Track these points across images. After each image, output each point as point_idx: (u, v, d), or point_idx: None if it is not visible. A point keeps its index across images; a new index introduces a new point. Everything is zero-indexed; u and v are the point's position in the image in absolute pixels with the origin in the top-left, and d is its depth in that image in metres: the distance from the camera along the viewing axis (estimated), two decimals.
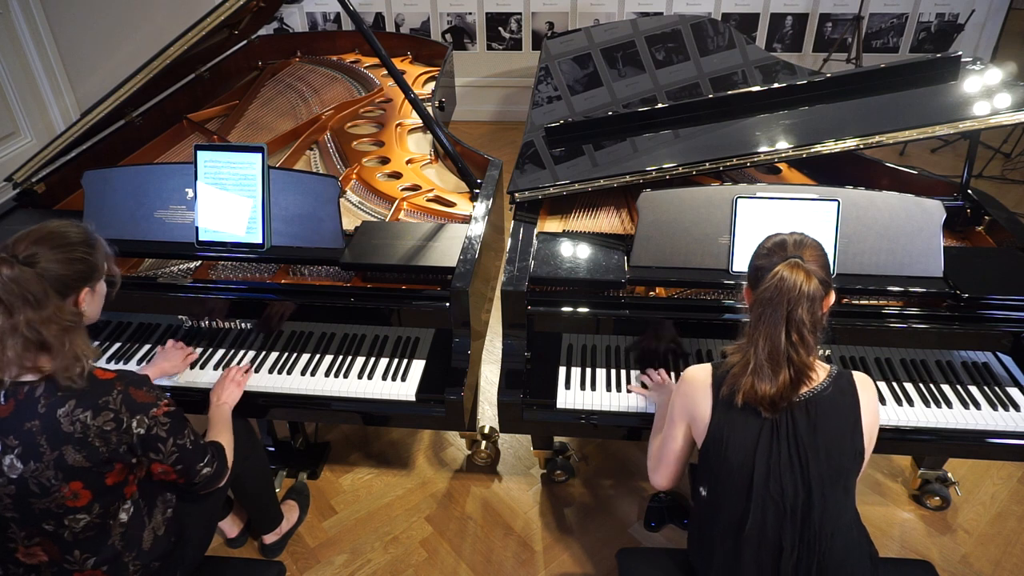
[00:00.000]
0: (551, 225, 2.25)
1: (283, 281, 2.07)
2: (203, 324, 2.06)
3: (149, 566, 1.57)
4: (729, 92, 2.37)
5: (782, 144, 2.13)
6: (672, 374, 1.96)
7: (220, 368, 2.02)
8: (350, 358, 2.04)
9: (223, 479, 1.68)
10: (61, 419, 1.36)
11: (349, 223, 2.16)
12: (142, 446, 1.46)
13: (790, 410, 1.39)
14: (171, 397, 1.55)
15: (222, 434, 1.80)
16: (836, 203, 1.87)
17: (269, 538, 2.26)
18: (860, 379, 1.45)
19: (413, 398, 1.93)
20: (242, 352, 2.07)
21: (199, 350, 2.07)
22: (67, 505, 1.41)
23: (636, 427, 1.91)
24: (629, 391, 1.93)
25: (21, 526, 1.43)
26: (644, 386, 1.94)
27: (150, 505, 1.59)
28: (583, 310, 1.93)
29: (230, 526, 2.28)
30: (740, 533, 1.42)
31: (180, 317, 2.05)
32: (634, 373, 1.98)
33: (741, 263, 1.91)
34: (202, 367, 2.03)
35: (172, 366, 1.98)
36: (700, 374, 1.48)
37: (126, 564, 1.53)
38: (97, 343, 2.08)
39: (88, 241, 1.44)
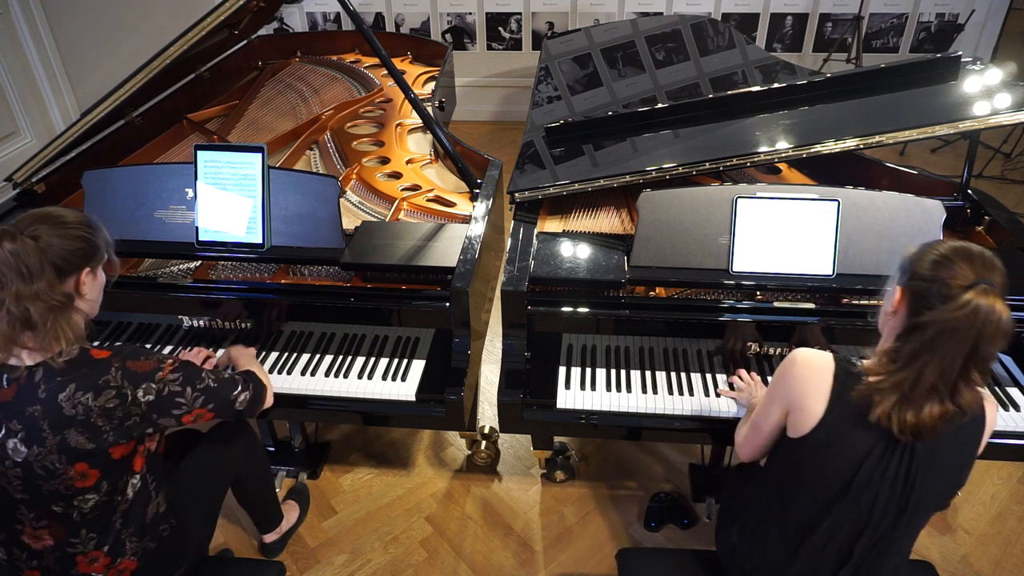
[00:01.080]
0: (551, 225, 2.25)
1: (283, 281, 2.07)
2: (203, 324, 2.06)
3: (145, 545, 1.57)
4: (729, 92, 2.37)
5: (782, 144, 2.13)
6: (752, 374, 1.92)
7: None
8: (350, 358, 2.04)
9: (264, 400, 1.71)
10: (63, 403, 1.36)
11: (349, 223, 2.16)
12: (156, 410, 1.46)
13: None
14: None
15: (250, 366, 1.83)
16: (836, 203, 1.87)
17: (269, 537, 2.26)
18: (990, 412, 1.33)
19: (413, 398, 1.93)
20: (213, 353, 2.06)
21: (216, 354, 2.06)
22: (76, 486, 1.42)
23: (636, 427, 1.91)
24: (719, 395, 1.88)
25: (31, 507, 1.44)
26: (731, 387, 1.90)
27: (159, 480, 1.60)
28: (583, 310, 1.93)
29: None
30: (808, 533, 1.35)
31: (180, 317, 2.05)
32: (721, 377, 1.95)
33: (741, 263, 1.91)
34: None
35: None
36: (820, 363, 1.32)
37: (123, 541, 1.53)
38: (97, 343, 2.08)
39: (88, 223, 1.45)
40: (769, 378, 1.85)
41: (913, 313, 1.25)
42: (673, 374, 1.97)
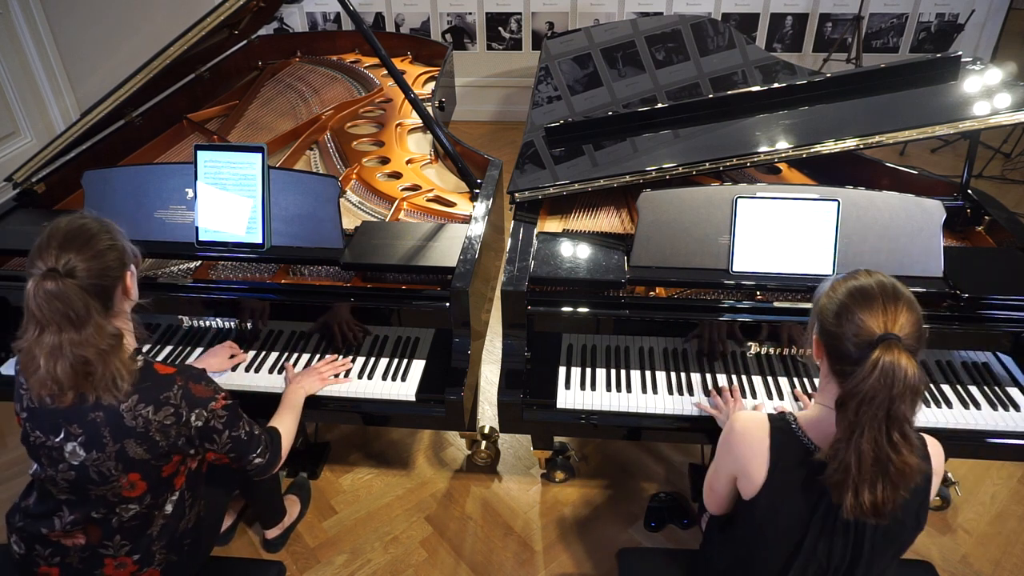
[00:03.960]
0: (551, 225, 2.25)
1: (283, 281, 2.07)
2: (203, 324, 2.06)
3: (171, 558, 1.59)
4: (729, 92, 2.37)
5: (782, 144, 2.13)
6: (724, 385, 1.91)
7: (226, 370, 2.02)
8: (350, 358, 2.04)
9: (275, 468, 1.70)
10: (124, 413, 1.39)
11: (349, 223, 2.16)
12: (199, 437, 1.49)
13: None
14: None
15: (285, 418, 1.81)
16: (836, 203, 1.87)
17: (271, 533, 2.27)
18: (935, 450, 1.33)
19: (413, 398, 1.93)
20: (242, 352, 2.07)
21: (251, 353, 2.06)
22: (123, 495, 1.45)
23: (636, 427, 1.91)
24: (696, 405, 1.87)
25: (72, 509, 1.46)
26: (706, 402, 1.90)
27: (194, 497, 1.62)
28: (583, 310, 1.93)
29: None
30: None
31: (180, 317, 2.05)
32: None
33: (741, 263, 1.91)
34: (234, 368, 2.03)
35: (218, 362, 1.98)
36: (756, 430, 1.33)
37: (154, 553, 1.55)
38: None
39: (107, 229, 1.44)
40: (744, 379, 1.91)
41: (834, 367, 1.26)
42: (673, 374, 1.97)
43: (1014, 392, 1.89)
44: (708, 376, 1.95)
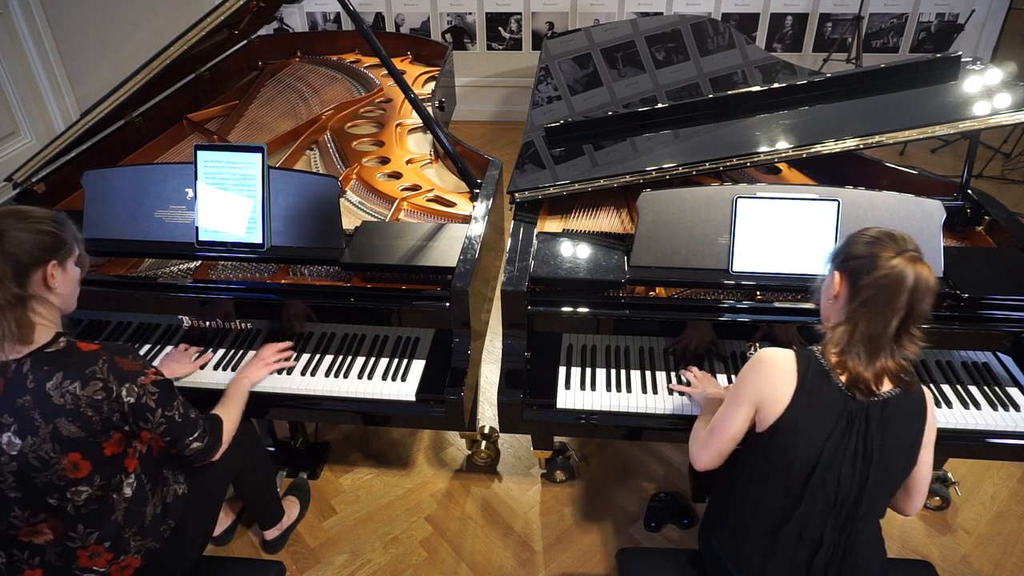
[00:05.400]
0: (551, 225, 2.25)
1: (283, 281, 2.06)
2: (203, 324, 2.06)
3: (149, 545, 1.58)
4: (729, 92, 2.37)
5: (782, 144, 2.13)
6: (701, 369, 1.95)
7: (221, 369, 2.02)
8: (350, 358, 2.04)
9: (215, 454, 1.68)
10: (51, 392, 1.38)
11: (349, 223, 2.17)
12: (133, 414, 1.48)
13: (867, 406, 1.39)
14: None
15: (229, 408, 1.81)
16: (836, 203, 1.87)
17: (271, 534, 2.27)
18: (930, 398, 1.46)
19: (413, 398, 1.93)
20: (242, 352, 2.07)
21: (210, 352, 2.06)
22: (68, 477, 1.43)
23: (636, 427, 1.91)
24: (671, 391, 1.91)
25: (24, 505, 1.45)
26: (683, 382, 1.93)
27: (153, 482, 1.61)
28: (583, 310, 1.93)
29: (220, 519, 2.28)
30: (783, 524, 1.43)
31: (180, 317, 2.05)
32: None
33: (741, 263, 1.91)
34: (201, 367, 2.03)
35: (181, 367, 1.98)
36: (783, 357, 1.45)
37: (127, 540, 1.54)
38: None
39: (54, 218, 1.46)
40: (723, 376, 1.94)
41: (853, 288, 1.39)
42: (673, 374, 1.97)
43: (1014, 392, 1.89)
44: (695, 370, 1.95)
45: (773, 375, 1.44)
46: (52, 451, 1.40)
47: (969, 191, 2.25)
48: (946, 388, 1.91)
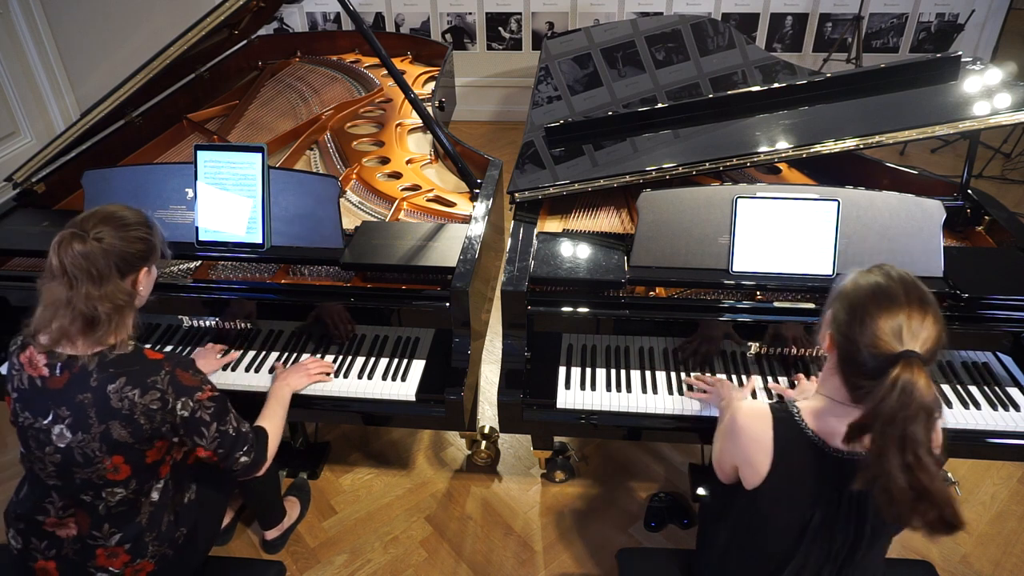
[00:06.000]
0: (551, 225, 2.25)
1: (283, 281, 2.06)
2: (203, 324, 2.06)
3: (164, 551, 1.59)
4: (729, 92, 2.37)
5: (782, 144, 2.13)
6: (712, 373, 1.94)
7: (222, 369, 2.02)
8: (350, 358, 2.04)
9: (261, 468, 1.69)
10: (111, 395, 1.42)
11: (349, 223, 2.16)
12: (185, 428, 1.51)
13: (856, 457, 1.23)
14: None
15: (272, 416, 1.81)
16: (836, 203, 1.87)
17: (271, 534, 2.27)
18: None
19: (413, 398, 1.93)
20: (242, 352, 2.07)
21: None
22: (107, 478, 1.47)
23: (636, 427, 1.91)
24: (688, 394, 1.89)
25: (61, 495, 1.49)
26: (694, 387, 1.91)
27: (177, 488, 1.63)
28: (583, 310, 1.93)
29: None
30: (781, 566, 1.36)
31: (180, 317, 2.05)
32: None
33: (741, 263, 1.91)
34: (224, 367, 2.02)
35: (206, 363, 1.98)
36: (758, 425, 1.32)
37: (147, 544, 1.56)
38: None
39: (146, 222, 1.52)
40: (744, 379, 1.92)
41: (845, 371, 1.23)
42: (673, 374, 1.97)
43: (1014, 392, 1.89)
44: (708, 376, 1.95)
45: (747, 443, 1.33)
46: (98, 450, 1.44)
47: (969, 191, 2.25)
48: (946, 388, 1.91)
